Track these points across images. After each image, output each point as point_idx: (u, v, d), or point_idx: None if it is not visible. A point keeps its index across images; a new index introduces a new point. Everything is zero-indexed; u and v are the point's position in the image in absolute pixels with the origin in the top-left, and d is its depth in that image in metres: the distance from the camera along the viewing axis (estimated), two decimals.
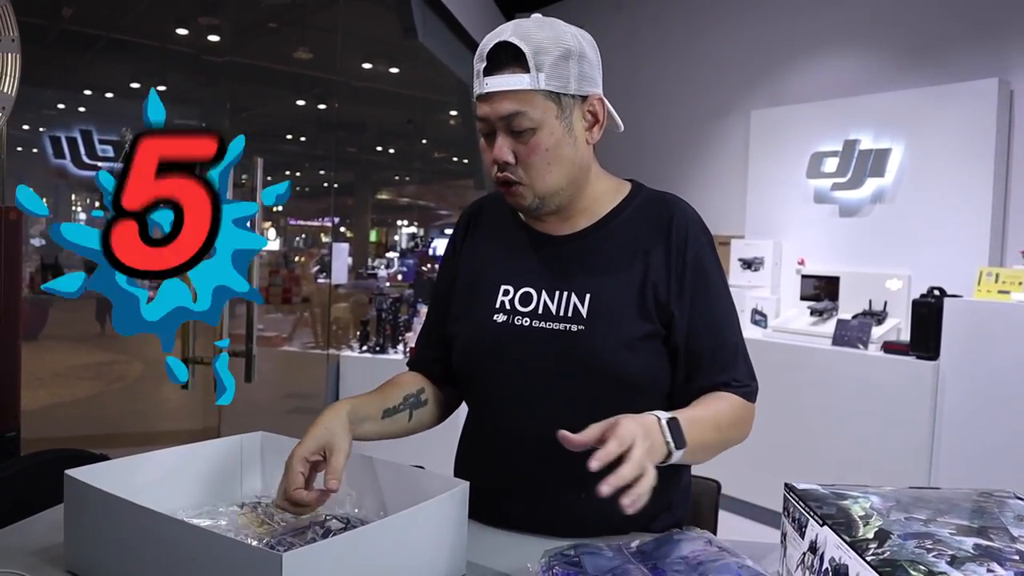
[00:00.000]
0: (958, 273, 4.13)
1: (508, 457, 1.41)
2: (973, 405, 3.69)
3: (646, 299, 1.35)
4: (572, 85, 1.30)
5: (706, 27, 5.85)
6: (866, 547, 0.88)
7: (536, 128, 1.29)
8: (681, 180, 5.82)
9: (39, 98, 5.13)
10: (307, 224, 12.80)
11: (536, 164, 1.31)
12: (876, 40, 4.87)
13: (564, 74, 1.29)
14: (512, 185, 1.34)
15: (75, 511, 1.12)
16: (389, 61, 7.68)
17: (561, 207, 1.39)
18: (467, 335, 1.46)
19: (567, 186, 1.36)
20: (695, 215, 1.43)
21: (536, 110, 1.28)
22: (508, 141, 1.31)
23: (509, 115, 1.28)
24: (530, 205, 1.36)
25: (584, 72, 1.32)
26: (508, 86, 1.27)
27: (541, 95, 1.28)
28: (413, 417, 1.47)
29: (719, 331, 1.38)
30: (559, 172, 1.33)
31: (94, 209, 4.25)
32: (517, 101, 1.28)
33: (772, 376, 4.34)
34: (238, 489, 1.36)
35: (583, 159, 1.37)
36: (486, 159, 1.35)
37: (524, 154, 1.31)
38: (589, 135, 1.37)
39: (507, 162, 1.31)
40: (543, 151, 1.30)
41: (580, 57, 1.31)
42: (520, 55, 1.27)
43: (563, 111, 1.31)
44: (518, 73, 1.27)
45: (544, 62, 1.27)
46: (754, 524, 4.24)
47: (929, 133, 4.45)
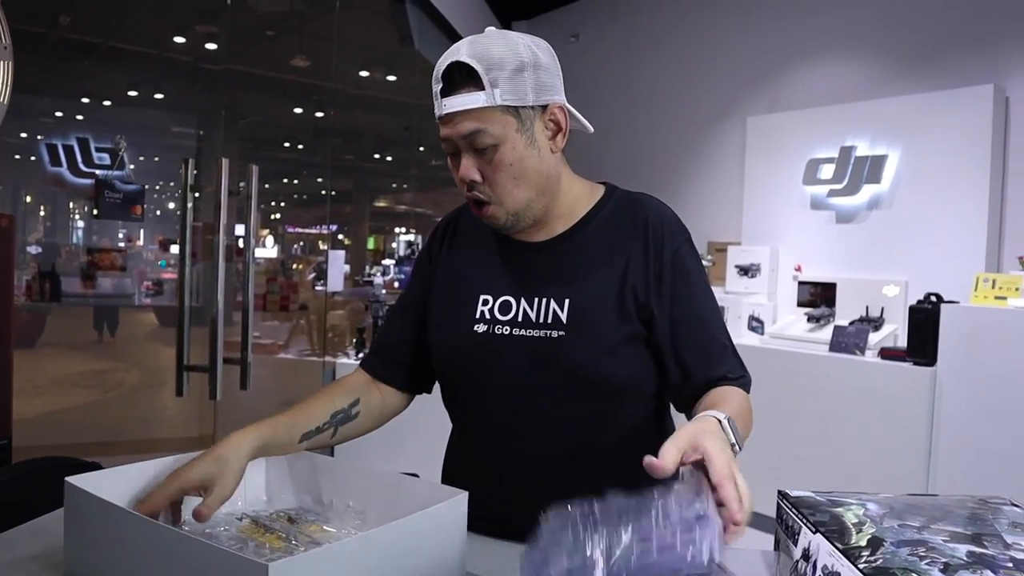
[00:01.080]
0: (955, 279, 4.14)
1: (494, 465, 1.41)
2: (970, 411, 3.69)
3: (625, 300, 1.35)
4: (530, 96, 1.30)
5: (702, 34, 5.87)
6: (859, 555, 0.88)
7: (498, 144, 1.29)
8: (677, 187, 5.83)
9: (37, 106, 5.13)
10: (305, 231, 12.81)
11: (502, 180, 1.31)
12: (872, 47, 4.88)
13: (520, 87, 1.28)
14: (483, 206, 1.34)
15: (75, 519, 1.12)
16: (386, 69, 7.69)
17: (536, 219, 1.38)
18: (447, 346, 1.45)
19: (537, 197, 1.35)
20: (671, 213, 1.43)
21: (495, 126, 1.28)
22: (473, 160, 1.31)
23: (469, 134, 1.28)
24: (505, 223, 1.36)
25: (541, 82, 1.31)
26: (464, 105, 1.27)
27: (499, 111, 1.28)
28: (337, 433, 1.45)
29: (705, 327, 1.38)
30: (526, 186, 1.33)
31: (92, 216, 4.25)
32: (476, 119, 1.27)
33: (769, 383, 4.35)
34: (240, 497, 1.35)
35: (550, 168, 1.36)
36: (456, 179, 1.35)
37: (489, 172, 1.31)
38: (553, 144, 1.36)
39: (474, 180, 1.31)
40: (507, 166, 1.30)
41: (535, 67, 1.30)
42: (474, 73, 1.26)
43: (523, 124, 1.30)
44: (473, 91, 1.27)
45: (499, 77, 1.26)
46: (752, 531, 4.22)
47: (925, 139, 4.46)
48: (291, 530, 1.21)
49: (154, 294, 5.19)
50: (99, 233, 5.53)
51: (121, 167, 4.31)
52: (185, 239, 2.72)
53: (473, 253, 1.50)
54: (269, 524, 1.24)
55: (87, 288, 4.71)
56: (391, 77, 7.94)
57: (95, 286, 4.72)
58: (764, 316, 4.90)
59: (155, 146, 5.86)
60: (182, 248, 2.73)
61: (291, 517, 1.27)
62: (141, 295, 5.16)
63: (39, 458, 1.66)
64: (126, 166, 4.39)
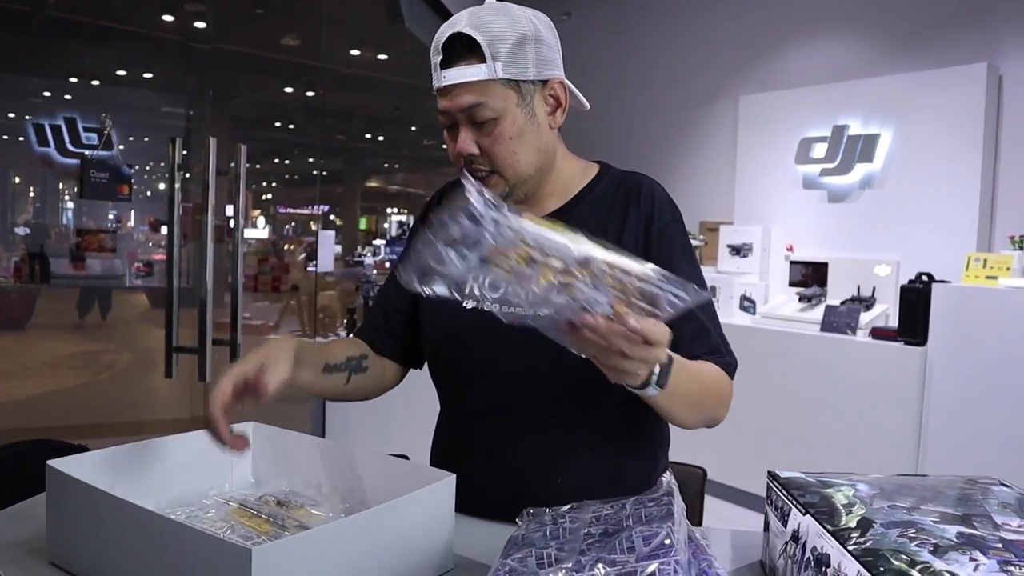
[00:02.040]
0: (946, 259, 4.15)
1: (483, 443, 1.40)
2: (961, 390, 3.70)
3: None
4: (531, 71, 1.29)
5: (694, 13, 5.83)
6: (848, 536, 0.88)
7: (498, 118, 1.28)
8: (670, 166, 5.82)
9: (25, 86, 5.08)
10: (296, 212, 12.77)
11: (501, 154, 1.30)
12: (864, 25, 4.86)
13: (522, 61, 1.27)
14: (481, 177, 1.32)
15: (57, 503, 1.11)
16: (376, 48, 7.64)
17: (530, 194, 1.38)
18: (437, 324, 1.45)
19: (535, 173, 1.35)
20: (661, 191, 1.42)
21: (496, 99, 1.27)
22: (471, 133, 1.30)
23: (469, 107, 1.27)
24: (500, 194, 1.35)
25: (543, 56, 1.30)
26: (465, 78, 1.26)
27: (500, 84, 1.27)
28: (351, 381, 1.43)
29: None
30: (526, 159, 1.33)
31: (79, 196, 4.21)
32: (476, 92, 1.26)
33: (760, 362, 4.36)
34: (228, 480, 1.35)
35: (548, 144, 1.36)
36: (451, 152, 1.34)
37: (488, 145, 1.30)
38: (552, 119, 1.36)
39: (472, 154, 1.30)
40: (507, 140, 1.29)
41: (537, 41, 1.29)
42: (475, 45, 1.25)
43: (524, 98, 1.30)
44: (475, 64, 1.25)
45: (500, 50, 1.25)
46: (741, 510, 4.25)
47: (918, 118, 4.45)
48: (279, 513, 1.20)
49: (145, 275, 5.16)
50: (88, 214, 5.49)
51: (108, 147, 4.27)
52: (173, 220, 2.70)
53: None
54: (257, 508, 1.23)
55: (77, 269, 4.68)
56: (382, 56, 7.89)
57: (85, 267, 4.69)
58: (756, 296, 4.91)
59: (144, 126, 5.81)
60: (170, 229, 2.71)
61: (279, 500, 1.26)
62: (131, 276, 5.13)
63: (23, 441, 1.65)
64: (114, 146, 4.35)
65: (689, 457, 1.70)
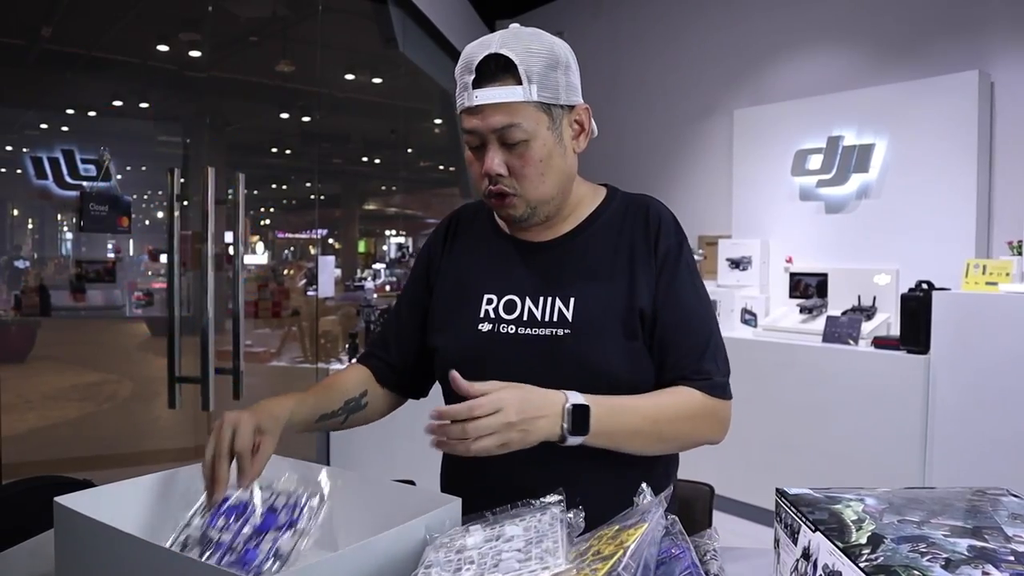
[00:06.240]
0: (945, 266, 4.15)
1: (496, 466, 1.40)
2: (965, 397, 3.69)
3: (629, 300, 1.36)
4: (562, 95, 1.31)
5: (686, 28, 5.86)
6: (859, 553, 0.87)
7: (529, 140, 1.29)
8: (666, 182, 5.83)
9: (21, 119, 5.09)
10: (295, 237, 12.78)
11: (530, 175, 1.32)
12: (856, 36, 4.89)
13: (554, 85, 1.29)
14: (506, 197, 1.33)
15: (65, 539, 1.11)
16: (371, 72, 7.67)
17: (549, 216, 1.39)
18: (451, 346, 1.45)
19: (557, 195, 1.37)
20: (668, 214, 1.44)
21: (529, 121, 1.28)
22: (500, 153, 1.31)
23: (502, 127, 1.28)
24: (522, 215, 1.36)
25: (571, 82, 1.33)
26: (500, 98, 1.27)
27: (533, 106, 1.28)
28: (347, 421, 1.48)
29: (683, 323, 1.38)
30: (551, 182, 1.34)
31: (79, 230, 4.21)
32: (509, 113, 1.27)
33: (763, 375, 4.36)
34: None
35: (571, 168, 1.39)
36: (474, 171, 1.35)
37: (518, 166, 1.31)
38: (576, 144, 1.38)
39: (500, 174, 1.31)
40: (537, 162, 1.31)
41: (567, 67, 1.32)
42: (511, 66, 1.26)
43: (554, 122, 1.31)
44: (510, 84, 1.27)
45: (535, 73, 1.27)
46: (750, 524, 4.23)
47: (912, 127, 4.46)
48: None
49: (145, 304, 5.16)
50: (88, 245, 5.50)
51: (107, 178, 4.27)
52: (173, 249, 2.70)
53: (474, 253, 1.50)
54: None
55: (77, 300, 4.67)
56: (376, 80, 7.92)
57: (85, 298, 4.68)
58: (757, 309, 4.91)
59: (142, 155, 5.82)
60: (170, 258, 2.72)
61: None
62: (132, 306, 5.12)
63: (27, 478, 1.64)
64: (112, 177, 4.36)
65: (695, 472, 1.69)
